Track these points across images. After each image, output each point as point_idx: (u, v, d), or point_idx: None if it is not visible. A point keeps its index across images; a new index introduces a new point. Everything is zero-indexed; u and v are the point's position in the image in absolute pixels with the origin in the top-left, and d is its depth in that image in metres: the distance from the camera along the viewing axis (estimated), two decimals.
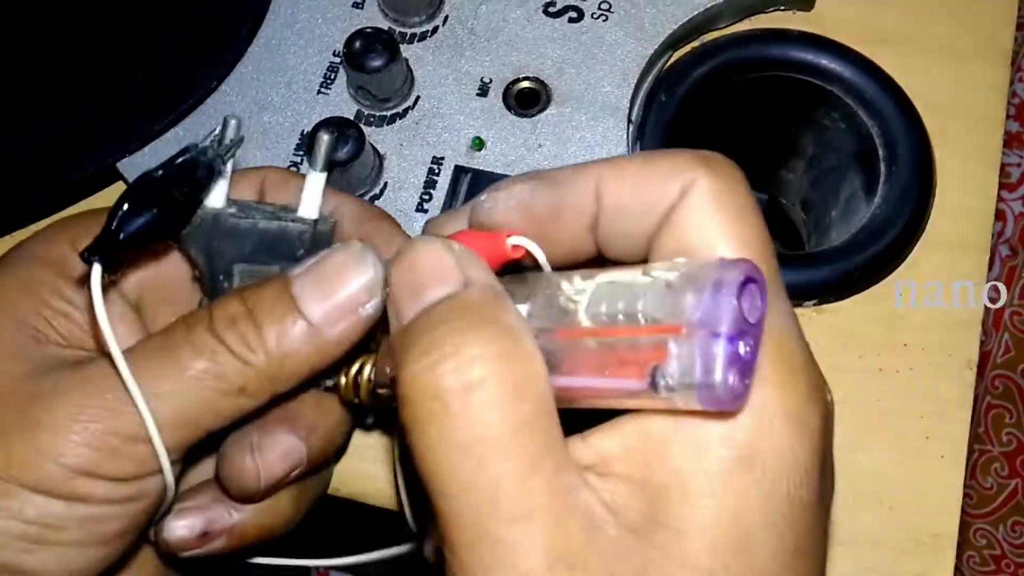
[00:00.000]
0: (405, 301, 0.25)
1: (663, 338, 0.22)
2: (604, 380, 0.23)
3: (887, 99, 0.46)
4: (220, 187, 0.31)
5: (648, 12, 0.46)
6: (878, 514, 0.40)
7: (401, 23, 0.46)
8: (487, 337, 0.23)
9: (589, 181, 0.27)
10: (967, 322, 0.43)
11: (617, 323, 0.23)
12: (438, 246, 0.25)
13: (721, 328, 0.21)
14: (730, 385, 0.21)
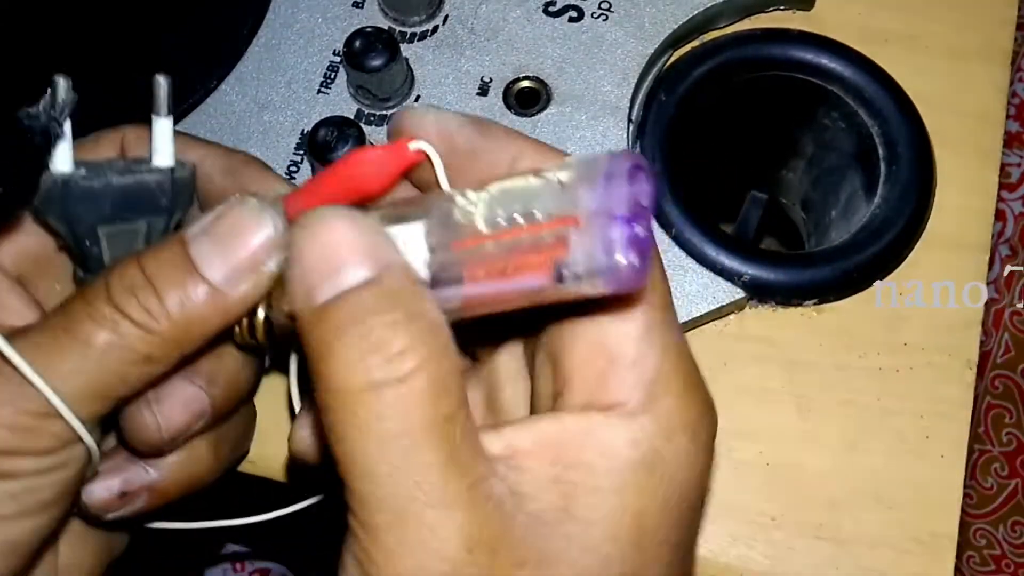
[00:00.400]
0: (318, 276, 0.24)
1: (563, 230, 0.23)
2: (509, 282, 0.24)
3: (887, 99, 0.46)
4: (63, 150, 0.29)
5: (648, 11, 0.46)
6: (878, 514, 0.40)
7: (401, 22, 0.46)
8: (415, 332, 0.24)
9: (510, 149, 0.28)
10: (967, 322, 0.43)
11: (516, 225, 0.24)
12: (353, 223, 0.25)
13: (618, 212, 0.23)
14: (632, 264, 0.23)
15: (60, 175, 0.30)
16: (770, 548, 0.40)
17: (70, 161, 0.30)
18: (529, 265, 0.24)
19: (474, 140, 0.28)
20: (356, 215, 0.25)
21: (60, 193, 0.30)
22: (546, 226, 0.24)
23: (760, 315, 0.43)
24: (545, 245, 0.24)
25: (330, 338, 0.24)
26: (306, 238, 0.25)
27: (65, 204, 0.30)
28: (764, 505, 0.41)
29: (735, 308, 0.43)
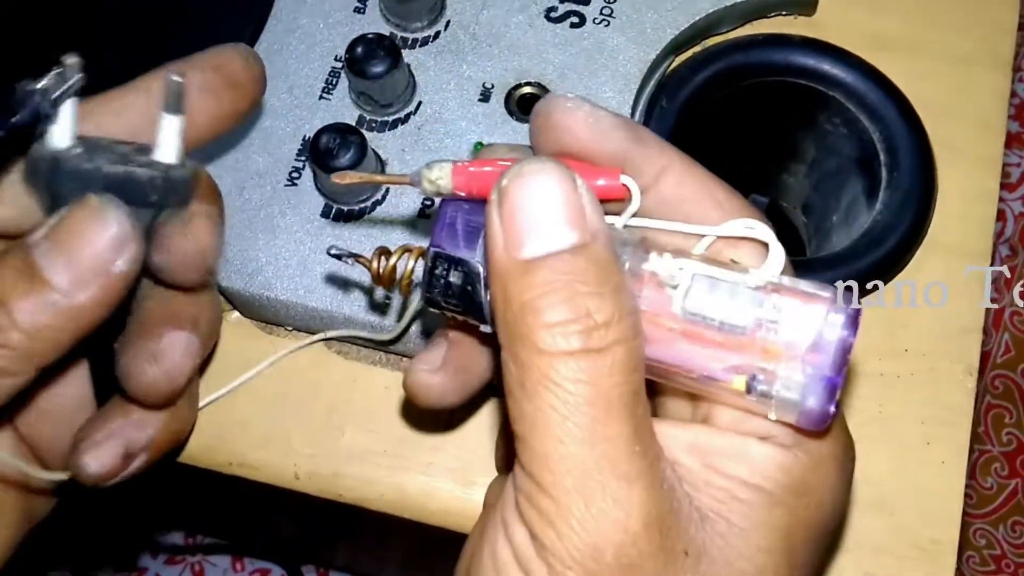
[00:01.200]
0: (524, 227, 0.24)
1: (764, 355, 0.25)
2: (687, 363, 0.25)
3: (889, 104, 0.46)
4: (63, 126, 0.29)
5: (650, 17, 0.46)
6: (879, 520, 0.40)
7: (403, 28, 0.46)
8: (617, 307, 0.24)
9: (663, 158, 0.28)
10: (968, 328, 0.43)
11: (714, 329, 0.25)
12: (567, 179, 0.24)
13: (829, 366, 0.24)
14: (829, 413, 0.25)
15: (52, 151, 0.29)
16: None
17: (68, 138, 0.29)
18: (713, 360, 0.25)
19: (626, 145, 0.27)
20: (573, 175, 0.25)
21: (47, 167, 0.29)
22: (749, 343, 0.25)
23: None
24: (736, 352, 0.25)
25: (535, 296, 0.24)
26: (520, 187, 0.24)
27: (50, 179, 0.29)
28: None
29: None
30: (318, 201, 0.43)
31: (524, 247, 0.24)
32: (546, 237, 0.24)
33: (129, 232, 0.28)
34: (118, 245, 0.28)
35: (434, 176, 0.28)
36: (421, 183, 0.28)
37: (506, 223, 0.24)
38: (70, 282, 0.28)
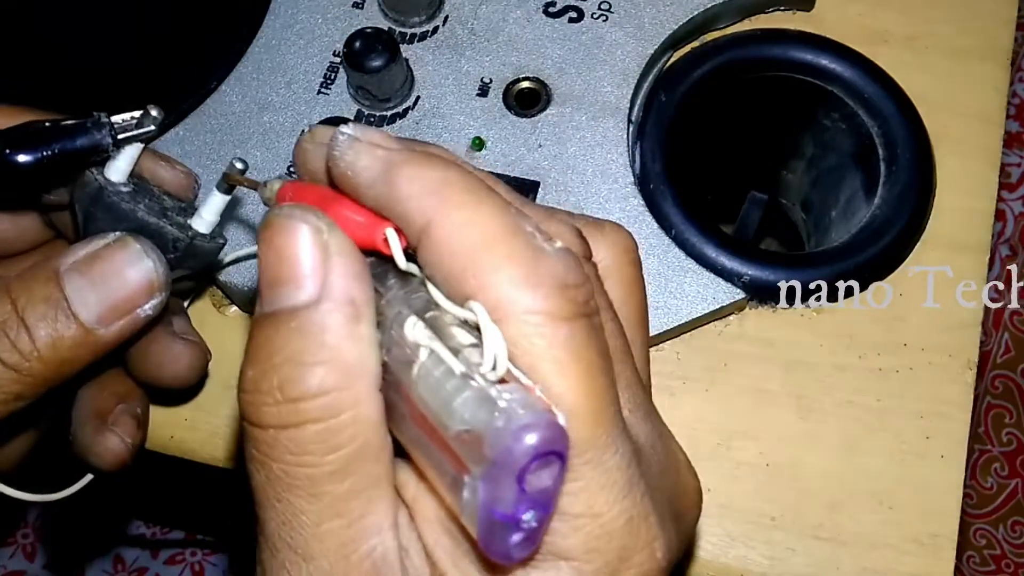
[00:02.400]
0: (263, 282, 0.23)
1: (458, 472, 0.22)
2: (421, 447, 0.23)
3: (887, 99, 0.46)
4: (122, 163, 0.31)
5: (648, 12, 0.46)
6: (878, 514, 0.40)
7: (401, 23, 0.46)
8: (319, 382, 0.22)
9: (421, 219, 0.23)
10: (967, 322, 0.43)
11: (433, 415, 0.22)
12: (307, 234, 0.22)
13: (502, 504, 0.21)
14: (506, 549, 0.21)
15: (102, 180, 0.31)
16: (770, 548, 0.40)
17: (123, 174, 0.31)
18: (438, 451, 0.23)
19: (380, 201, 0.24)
20: (319, 224, 0.23)
21: (92, 193, 0.31)
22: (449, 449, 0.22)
23: (760, 315, 0.43)
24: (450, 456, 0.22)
25: (246, 360, 0.23)
26: (266, 239, 0.23)
27: (90, 204, 0.31)
28: (764, 505, 0.41)
29: (735, 308, 0.43)
30: None
31: (262, 302, 0.23)
32: (275, 294, 0.23)
33: (163, 280, 0.29)
34: (150, 290, 0.28)
35: (267, 194, 0.27)
36: (265, 193, 0.27)
37: (259, 274, 0.23)
38: (97, 319, 0.28)
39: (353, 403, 0.22)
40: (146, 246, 0.29)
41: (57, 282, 0.28)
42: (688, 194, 0.44)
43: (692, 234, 0.43)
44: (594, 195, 0.43)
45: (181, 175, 0.34)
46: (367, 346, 0.22)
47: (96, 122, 0.30)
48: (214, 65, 0.45)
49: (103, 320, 0.28)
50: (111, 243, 0.29)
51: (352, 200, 0.24)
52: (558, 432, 0.21)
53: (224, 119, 0.45)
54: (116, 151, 0.31)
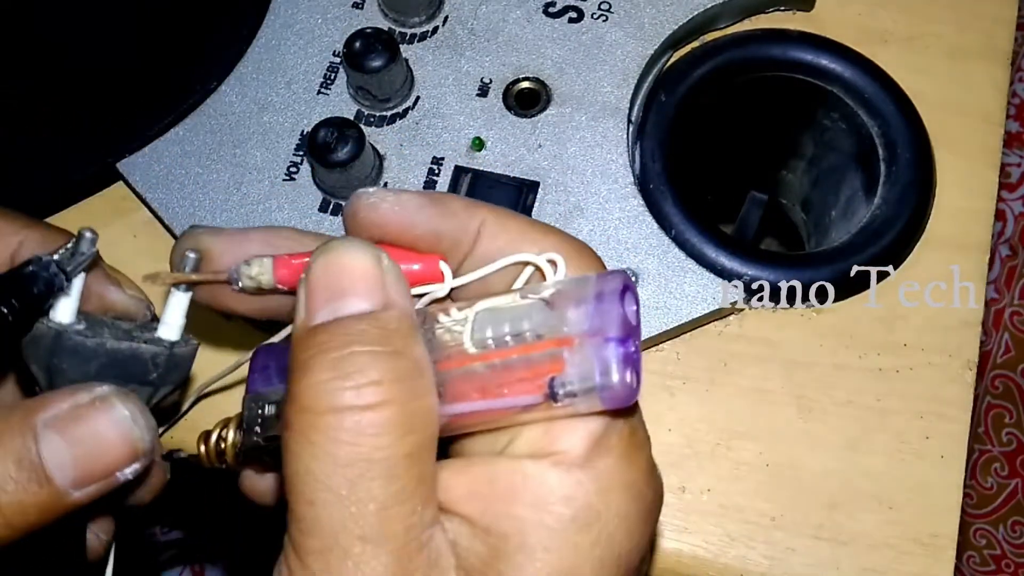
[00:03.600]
0: (320, 298, 0.24)
1: (557, 351, 0.24)
2: (499, 401, 0.24)
3: (887, 99, 0.46)
4: (68, 301, 0.29)
5: (648, 12, 0.46)
6: (878, 514, 0.40)
7: (401, 23, 0.46)
8: (393, 367, 0.23)
9: (475, 221, 0.27)
10: (967, 322, 0.43)
11: (505, 346, 0.24)
12: (369, 255, 0.25)
13: (612, 333, 0.23)
14: (628, 383, 0.23)
15: (55, 326, 0.28)
16: (770, 548, 0.40)
17: (72, 313, 0.29)
18: (521, 384, 0.24)
19: (435, 222, 0.27)
20: (377, 251, 0.25)
21: (50, 344, 0.28)
22: (538, 346, 0.24)
23: (760, 315, 0.43)
24: (536, 365, 0.24)
25: (308, 357, 0.23)
26: (322, 262, 0.25)
27: (51, 355, 0.29)
28: (764, 505, 0.41)
29: (735, 308, 0.43)
30: (316, 196, 0.43)
31: (317, 315, 0.24)
32: (338, 305, 0.24)
33: (148, 446, 0.27)
34: (132, 457, 0.27)
35: (254, 272, 0.27)
36: (240, 280, 0.27)
37: (308, 295, 0.24)
38: (72, 482, 0.26)
39: (425, 391, 0.24)
40: (133, 410, 0.27)
41: (33, 439, 0.26)
42: (688, 194, 0.44)
43: (692, 234, 0.43)
44: (594, 195, 0.43)
45: (133, 301, 0.32)
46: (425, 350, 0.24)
47: (40, 264, 0.27)
48: (214, 65, 0.45)
49: (78, 483, 0.26)
50: (95, 401, 0.27)
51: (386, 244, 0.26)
52: (625, 274, 0.24)
53: (224, 119, 0.45)
54: (68, 288, 0.28)
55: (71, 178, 0.44)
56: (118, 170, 0.44)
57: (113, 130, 0.45)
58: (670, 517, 0.41)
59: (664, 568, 0.41)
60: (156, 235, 0.45)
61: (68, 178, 0.44)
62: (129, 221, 0.45)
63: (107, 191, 0.46)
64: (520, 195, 0.43)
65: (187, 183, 0.44)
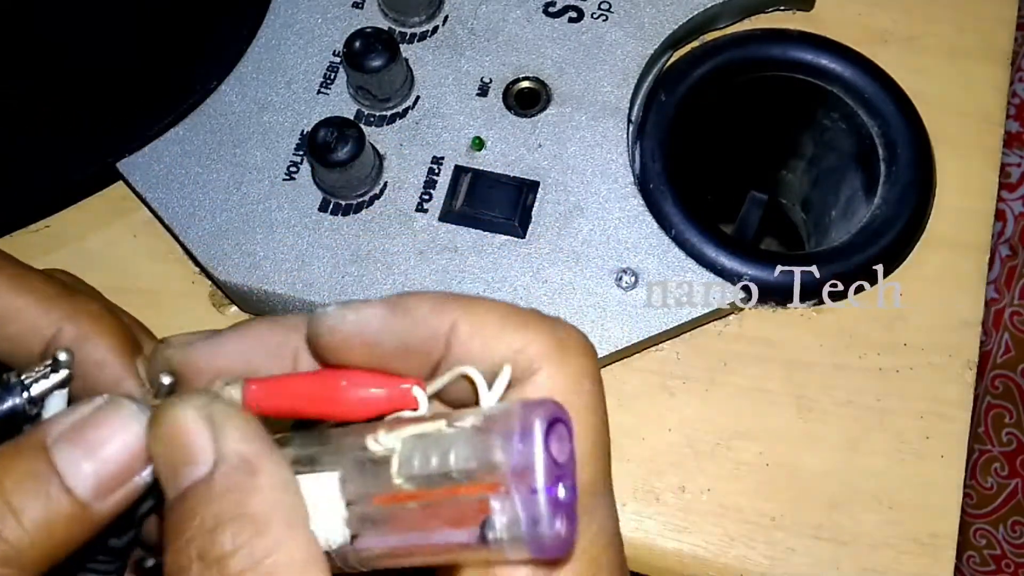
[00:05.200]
0: (167, 477, 0.24)
1: (483, 494, 0.22)
2: (431, 537, 0.23)
3: (887, 99, 0.46)
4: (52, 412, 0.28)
5: (648, 12, 0.46)
6: (878, 514, 0.40)
7: (401, 23, 0.46)
8: (236, 535, 0.22)
9: (444, 324, 0.25)
10: (967, 322, 0.43)
11: (432, 482, 0.23)
12: (188, 413, 0.24)
13: (537, 479, 0.22)
14: (558, 532, 0.22)
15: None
16: (770, 548, 0.40)
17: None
18: (453, 521, 0.23)
19: (400, 335, 0.25)
20: (199, 405, 0.24)
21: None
22: (465, 489, 0.23)
23: (760, 315, 0.43)
24: (466, 505, 0.23)
25: (166, 539, 0.23)
26: (154, 435, 0.24)
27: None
28: (764, 505, 0.41)
29: (735, 308, 0.43)
30: (316, 195, 0.43)
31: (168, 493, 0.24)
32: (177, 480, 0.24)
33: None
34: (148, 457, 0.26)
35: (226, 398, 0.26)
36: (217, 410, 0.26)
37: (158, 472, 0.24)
38: (94, 492, 0.25)
39: (274, 547, 0.22)
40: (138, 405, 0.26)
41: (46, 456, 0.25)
42: (688, 194, 0.44)
43: (692, 234, 0.43)
44: (594, 195, 0.43)
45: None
46: (272, 494, 0.23)
47: (5, 385, 0.27)
48: (214, 65, 0.45)
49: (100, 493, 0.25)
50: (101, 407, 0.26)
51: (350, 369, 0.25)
52: (555, 404, 0.23)
53: (224, 119, 0.45)
54: (37, 408, 0.27)
55: (71, 178, 0.44)
56: (118, 170, 0.44)
57: (113, 130, 0.45)
58: (670, 517, 0.41)
59: (664, 568, 0.41)
60: (156, 235, 0.45)
61: (68, 178, 0.44)
62: (129, 221, 0.45)
63: (107, 191, 0.46)
64: (520, 195, 0.43)
65: (187, 183, 0.44)
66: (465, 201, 0.43)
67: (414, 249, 0.42)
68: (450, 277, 0.42)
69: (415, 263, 0.42)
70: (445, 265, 0.42)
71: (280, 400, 0.26)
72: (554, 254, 0.42)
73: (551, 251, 0.42)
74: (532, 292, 0.42)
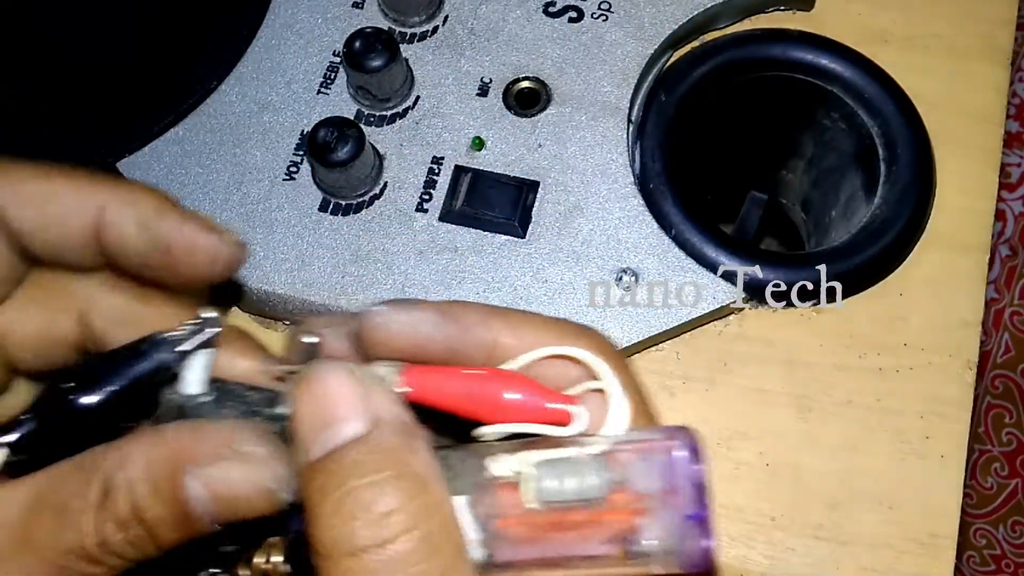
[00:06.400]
0: (312, 434, 0.24)
1: (630, 514, 0.24)
2: (570, 552, 0.24)
3: (887, 99, 0.46)
4: (195, 373, 0.28)
5: (648, 12, 0.46)
6: (878, 514, 0.40)
7: (401, 23, 0.46)
8: (400, 491, 0.23)
9: (489, 334, 0.26)
10: (967, 322, 0.43)
11: (569, 504, 0.24)
12: (345, 374, 0.24)
13: (689, 504, 0.24)
14: (707, 548, 0.24)
15: (178, 400, 0.29)
16: (770, 548, 0.40)
17: (200, 384, 0.29)
18: (591, 540, 0.24)
19: (449, 339, 0.26)
20: (353, 368, 0.24)
21: (175, 418, 0.29)
22: (611, 507, 0.24)
23: (760, 315, 0.43)
24: (606, 525, 0.24)
25: (316, 499, 0.23)
26: (304, 392, 0.24)
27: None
28: (764, 505, 0.41)
29: (735, 308, 0.43)
30: (316, 195, 0.43)
31: (311, 452, 0.24)
32: (326, 436, 0.23)
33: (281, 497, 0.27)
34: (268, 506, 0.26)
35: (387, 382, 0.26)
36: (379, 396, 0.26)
37: (298, 433, 0.24)
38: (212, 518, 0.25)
39: (437, 506, 0.23)
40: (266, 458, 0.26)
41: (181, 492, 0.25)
42: (688, 194, 0.44)
43: (692, 234, 0.43)
44: (594, 195, 0.43)
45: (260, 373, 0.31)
46: (429, 458, 0.23)
47: (153, 342, 0.28)
48: (214, 65, 0.45)
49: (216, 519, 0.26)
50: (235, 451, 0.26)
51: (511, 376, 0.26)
52: (690, 431, 0.25)
53: (224, 119, 0.45)
54: (183, 364, 0.28)
55: None
56: (118, 170, 0.44)
57: (113, 130, 0.45)
58: None
59: None
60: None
61: None
62: None
63: None
64: (520, 195, 0.43)
65: (187, 183, 0.44)
66: (465, 201, 0.43)
67: (414, 249, 0.42)
68: (450, 277, 0.42)
69: (415, 263, 0.42)
70: (445, 265, 0.42)
71: (436, 389, 0.26)
72: (554, 254, 0.42)
73: (551, 251, 0.42)
74: (532, 292, 0.42)
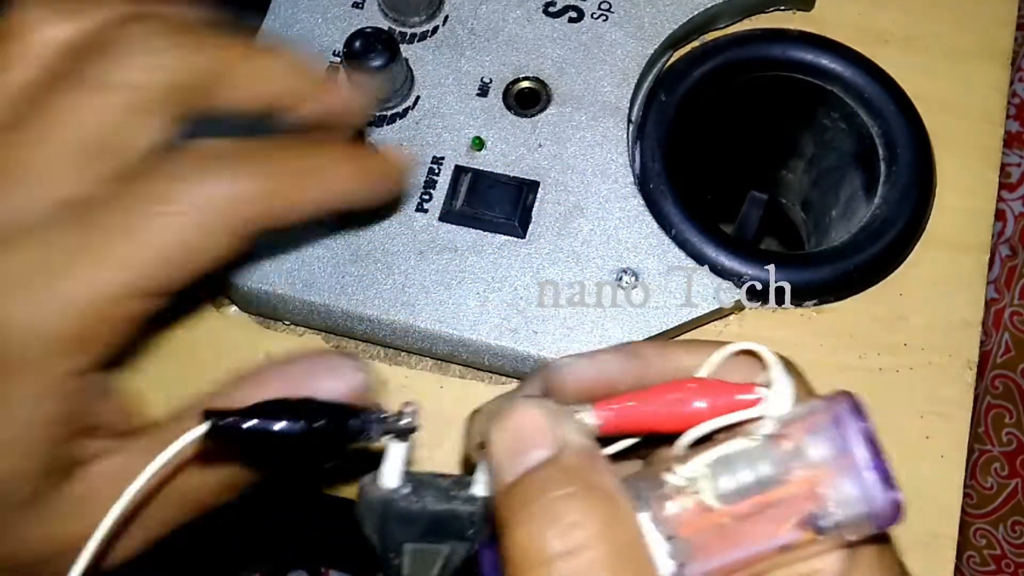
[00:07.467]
0: (506, 461, 0.26)
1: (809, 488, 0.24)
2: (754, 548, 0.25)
3: (887, 99, 0.46)
4: (393, 464, 0.31)
5: (648, 12, 0.46)
6: None
7: (401, 23, 0.46)
8: (587, 503, 0.24)
9: (670, 364, 0.29)
10: (967, 322, 0.43)
11: (751, 494, 0.25)
12: (535, 408, 0.26)
13: (865, 457, 0.24)
14: (895, 498, 0.24)
15: (383, 494, 0.30)
16: None
17: (398, 476, 0.31)
18: (775, 527, 0.25)
19: (636, 374, 0.29)
20: (543, 403, 0.26)
21: (380, 511, 0.31)
22: (787, 488, 0.25)
23: (760, 315, 0.43)
24: (788, 506, 0.25)
25: (510, 515, 0.25)
26: (499, 427, 0.26)
27: (382, 521, 0.31)
28: None
29: (735, 308, 0.43)
30: None
31: (506, 475, 0.26)
32: (519, 460, 0.26)
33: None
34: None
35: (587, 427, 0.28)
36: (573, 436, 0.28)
37: (494, 463, 0.26)
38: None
39: (623, 520, 0.24)
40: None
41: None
42: (688, 194, 0.44)
43: (692, 234, 0.43)
44: (594, 195, 0.43)
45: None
46: (611, 477, 0.25)
47: (370, 415, 0.30)
48: None
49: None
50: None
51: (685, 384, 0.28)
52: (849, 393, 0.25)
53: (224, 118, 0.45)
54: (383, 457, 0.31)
55: None
56: None
57: None
58: None
59: None
60: None
61: None
62: None
63: None
64: (520, 195, 0.43)
65: None
66: (465, 201, 0.43)
67: (414, 249, 0.42)
68: (450, 277, 0.42)
69: (415, 263, 0.42)
70: (445, 265, 0.42)
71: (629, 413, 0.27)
72: (554, 254, 0.42)
73: (551, 251, 0.42)
74: (532, 292, 0.42)
